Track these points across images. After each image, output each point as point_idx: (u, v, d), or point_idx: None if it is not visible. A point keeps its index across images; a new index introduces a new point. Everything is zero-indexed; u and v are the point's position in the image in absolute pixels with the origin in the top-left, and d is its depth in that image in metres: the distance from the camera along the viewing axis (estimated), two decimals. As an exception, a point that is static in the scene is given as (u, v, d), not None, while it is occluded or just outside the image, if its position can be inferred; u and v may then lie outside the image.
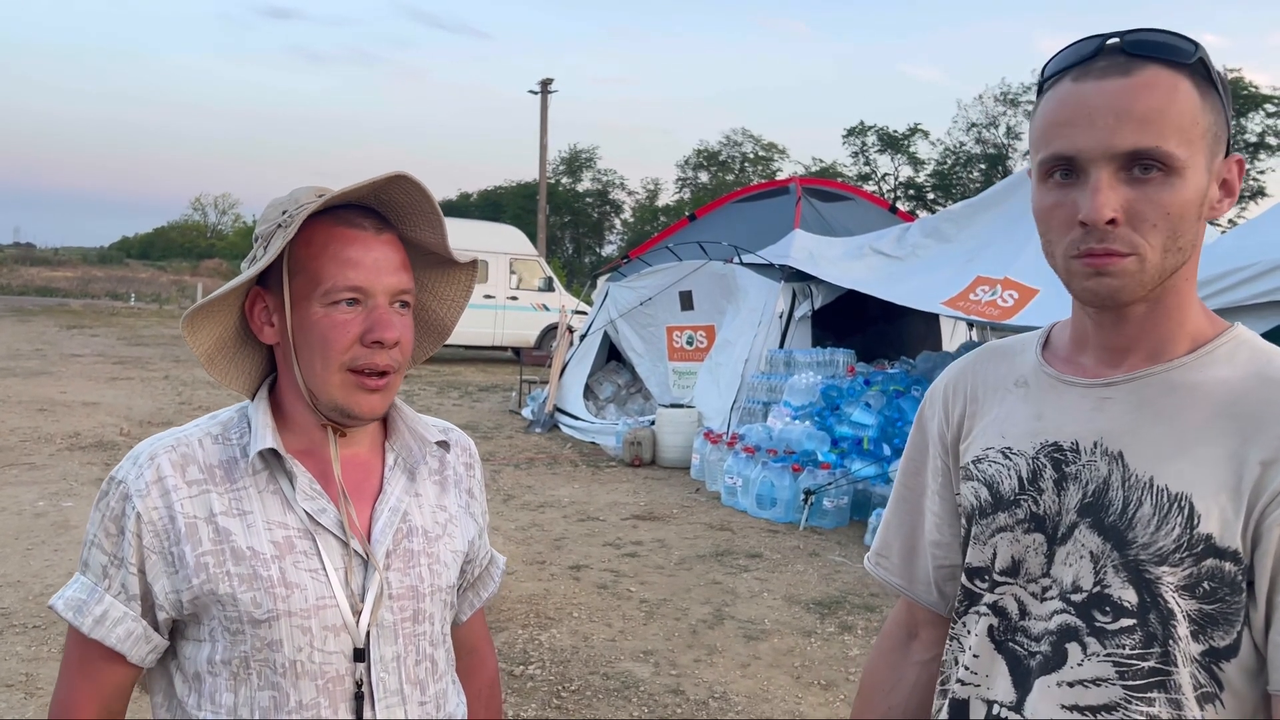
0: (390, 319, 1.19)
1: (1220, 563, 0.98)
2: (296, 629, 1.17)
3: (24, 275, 44.24)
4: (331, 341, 1.18)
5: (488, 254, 18.66)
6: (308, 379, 1.21)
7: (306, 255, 1.19)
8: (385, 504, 1.27)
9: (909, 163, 45.87)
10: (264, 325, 1.24)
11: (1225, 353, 1.04)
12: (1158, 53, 1.00)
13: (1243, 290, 5.10)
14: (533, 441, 10.57)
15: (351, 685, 1.19)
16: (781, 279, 9.72)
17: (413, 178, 1.19)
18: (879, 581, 1.37)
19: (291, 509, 1.21)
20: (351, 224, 1.20)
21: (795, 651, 4.77)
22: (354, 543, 1.22)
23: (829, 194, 12.48)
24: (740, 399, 9.37)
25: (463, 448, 1.43)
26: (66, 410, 10.73)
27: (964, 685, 1.15)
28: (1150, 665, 1.00)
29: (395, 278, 1.20)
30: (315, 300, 1.18)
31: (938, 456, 1.26)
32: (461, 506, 1.38)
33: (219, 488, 1.20)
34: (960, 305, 7.90)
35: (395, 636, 1.23)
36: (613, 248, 51.23)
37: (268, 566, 1.17)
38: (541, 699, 4.11)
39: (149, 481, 1.18)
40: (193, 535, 1.17)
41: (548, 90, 31.56)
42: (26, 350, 16.77)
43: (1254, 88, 36.04)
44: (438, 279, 1.36)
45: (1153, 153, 0.98)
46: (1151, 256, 1.00)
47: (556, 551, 6.32)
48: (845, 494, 7.37)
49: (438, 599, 1.29)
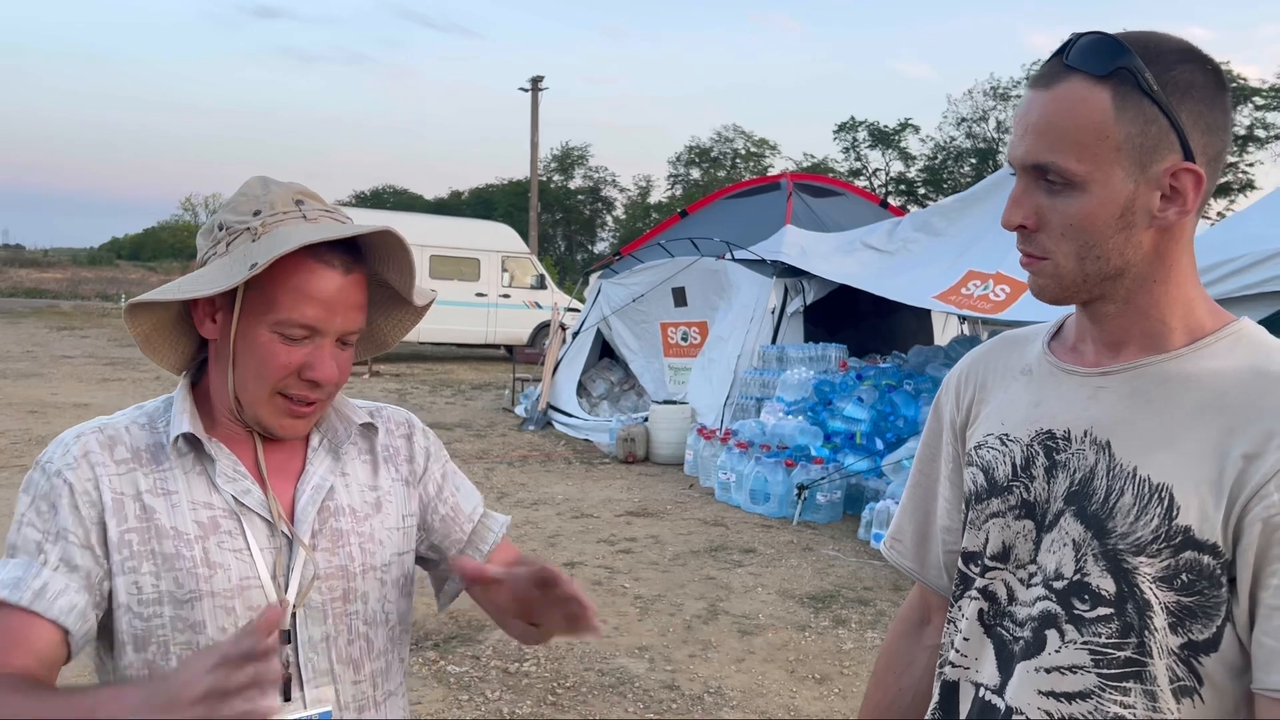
0: (330, 361, 1.20)
1: (1199, 555, 0.97)
2: (220, 609, 1.17)
3: (13, 277, 44.06)
4: (269, 369, 1.18)
5: (480, 252, 18.64)
6: (238, 389, 1.21)
7: (268, 277, 1.16)
8: (308, 483, 1.26)
9: (900, 158, 45.91)
10: (206, 319, 1.22)
11: (1224, 346, 1.04)
12: (1081, 64, 1.01)
13: (1232, 282, 5.13)
14: (526, 439, 10.56)
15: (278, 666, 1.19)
16: (773, 274, 9.74)
17: (398, 234, 1.20)
18: (893, 565, 1.39)
19: (217, 490, 1.21)
20: (322, 259, 1.17)
21: (790, 646, 4.79)
22: (280, 524, 1.21)
23: (820, 189, 12.51)
24: (733, 395, 9.39)
25: (397, 421, 1.41)
26: (58, 412, 10.69)
27: (954, 668, 1.17)
28: (1126, 655, 1.00)
29: (348, 319, 1.20)
30: (265, 323, 1.17)
31: (950, 443, 1.28)
32: (399, 480, 1.36)
33: (145, 468, 1.20)
34: (952, 299, 7.92)
35: (324, 617, 1.23)
36: (605, 245, 51.19)
37: (190, 546, 1.17)
38: (537, 695, 4.12)
39: (77, 455, 1.18)
40: (119, 511, 1.17)
41: (538, 88, 31.50)
42: (16, 352, 16.70)
43: (1243, 80, 36.11)
44: (394, 303, 1.36)
45: (1047, 167, 1.02)
46: (1065, 263, 1.05)
47: (551, 549, 6.33)
48: (838, 488, 7.38)
49: (372, 577, 1.28)
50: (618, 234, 50.45)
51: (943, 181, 43.54)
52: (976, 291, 7.73)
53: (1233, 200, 36.95)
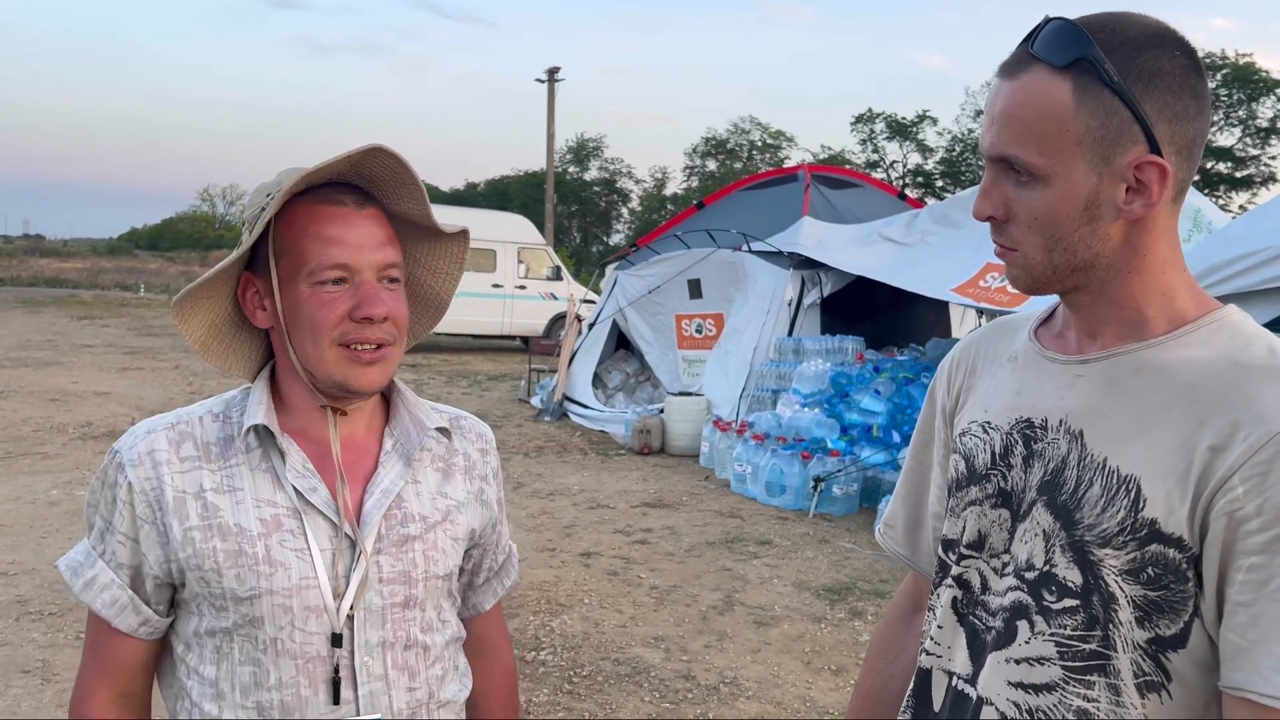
0: (377, 294, 1.18)
1: (1165, 549, 0.95)
2: (278, 607, 1.17)
3: (34, 266, 44.39)
4: (320, 320, 1.17)
5: (496, 243, 18.66)
6: (303, 358, 1.20)
7: (290, 236, 1.18)
8: (377, 486, 1.25)
9: (917, 150, 45.69)
10: (256, 310, 1.23)
11: (1204, 334, 1.01)
12: (1043, 53, 1.00)
13: (1254, 275, 5.07)
14: (542, 430, 10.59)
15: (331, 667, 1.19)
16: (790, 266, 9.71)
17: (389, 150, 1.17)
18: (886, 551, 1.38)
19: (281, 487, 1.20)
20: (332, 201, 1.18)
21: (805, 637, 4.79)
22: (344, 524, 1.21)
23: (838, 181, 12.44)
24: (749, 387, 9.38)
25: (477, 434, 1.41)
26: (78, 400, 10.79)
27: (928, 655, 1.17)
28: (1091, 648, 0.99)
29: (380, 253, 1.19)
30: (301, 281, 1.18)
31: (941, 429, 1.27)
32: (472, 493, 1.35)
33: (211, 464, 1.21)
34: (970, 292, 7.88)
35: (383, 621, 1.22)
36: (620, 236, 51.20)
37: (253, 544, 1.17)
38: (553, 684, 4.14)
39: (142, 453, 1.20)
40: (180, 509, 1.18)
41: (555, 79, 31.49)
42: (38, 341, 16.84)
43: (1265, 73, 35.74)
44: (428, 251, 1.34)
45: (1010, 159, 1.01)
46: (1032, 254, 1.04)
47: (567, 539, 6.35)
48: (855, 481, 7.37)
49: (434, 585, 1.27)
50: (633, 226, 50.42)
51: (961, 174, 43.31)
52: (994, 284, 7.69)
53: (1255, 193, 36.61)
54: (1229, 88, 36.15)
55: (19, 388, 11.50)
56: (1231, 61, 35.87)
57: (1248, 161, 37.21)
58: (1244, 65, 35.78)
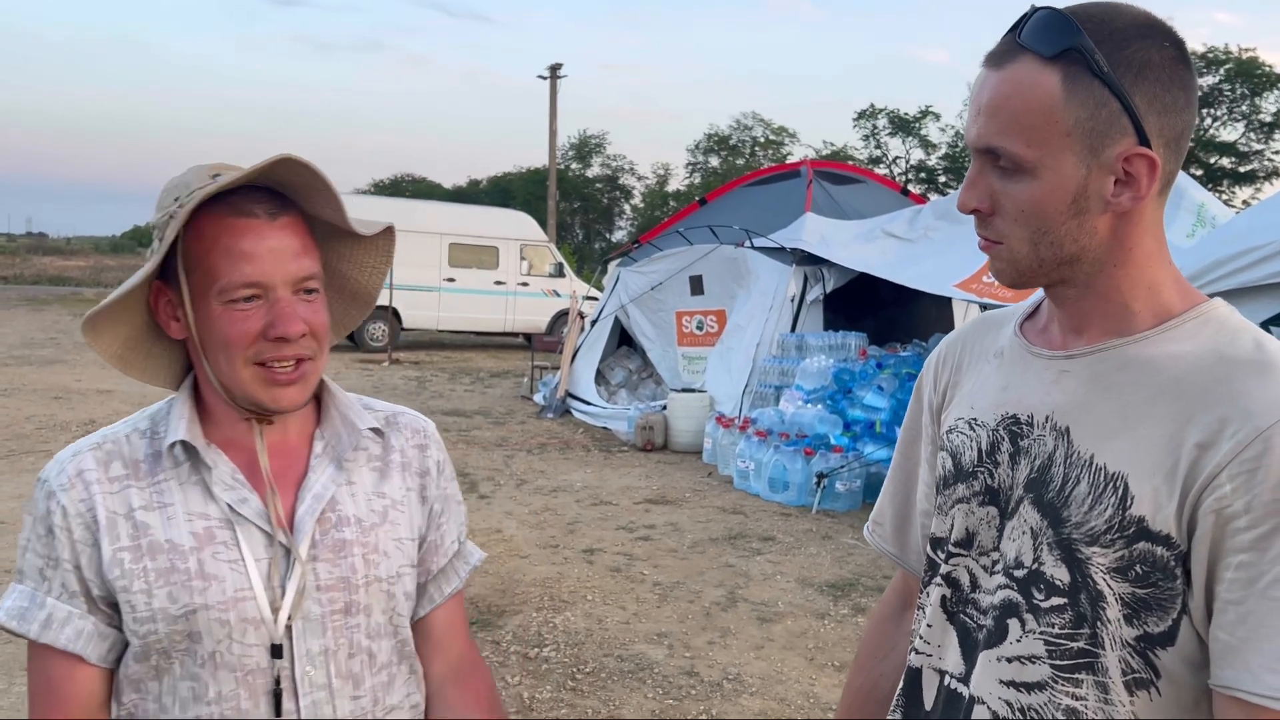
0: (292, 312, 1.14)
1: (1153, 547, 0.94)
2: (214, 621, 1.14)
3: (37, 265, 44.46)
4: (232, 339, 1.13)
5: (498, 240, 18.66)
6: (218, 375, 1.17)
7: (200, 250, 1.13)
8: (308, 491, 1.22)
9: (920, 145, 45.60)
10: (170, 320, 1.19)
11: (1190, 329, 1.00)
12: (1031, 43, 0.98)
13: (1257, 270, 5.06)
14: (545, 427, 10.59)
15: (271, 679, 1.17)
16: (793, 262, 9.70)
17: (299, 158, 1.12)
18: (875, 549, 1.37)
19: (213, 500, 1.17)
20: (243, 212, 1.13)
21: (809, 633, 4.79)
22: (278, 533, 1.18)
23: (840, 177, 12.43)
24: (752, 383, 9.37)
25: (414, 430, 1.36)
26: (81, 398, 10.81)
27: (918, 654, 1.16)
28: (1079, 646, 0.98)
29: (295, 265, 1.14)
30: (213, 298, 1.13)
31: (928, 425, 1.26)
32: (412, 490, 1.32)
33: (140, 482, 1.18)
34: (973, 288, 7.87)
35: (323, 629, 1.19)
36: (623, 233, 51.15)
37: (185, 559, 1.15)
38: (556, 681, 4.14)
39: (71, 476, 1.17)
40: (111, 530, 1.15)
41: (557, 76, 31.47)
42: (41, 339, 16.87)
43: (1268, 67, 35.63)
44: (356, 247, 1.30)
45: (997, 151, 1.00)
46: (1018, 247, 1.02)
47: (570, 535, 6.35)
48: (858, 477, 7.37)
49: (376, 589, 1.24)
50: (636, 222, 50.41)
51: (963, 169, 43.16)
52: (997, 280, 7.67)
53: (1259, 188, 36.52)
54: (1232, 83, 36.06)
55: (22, 385, 11.52)
56: (1235, 56, 35.77)
57: (1251, 156, 37.12)
58: (1247, 60, 35.67)
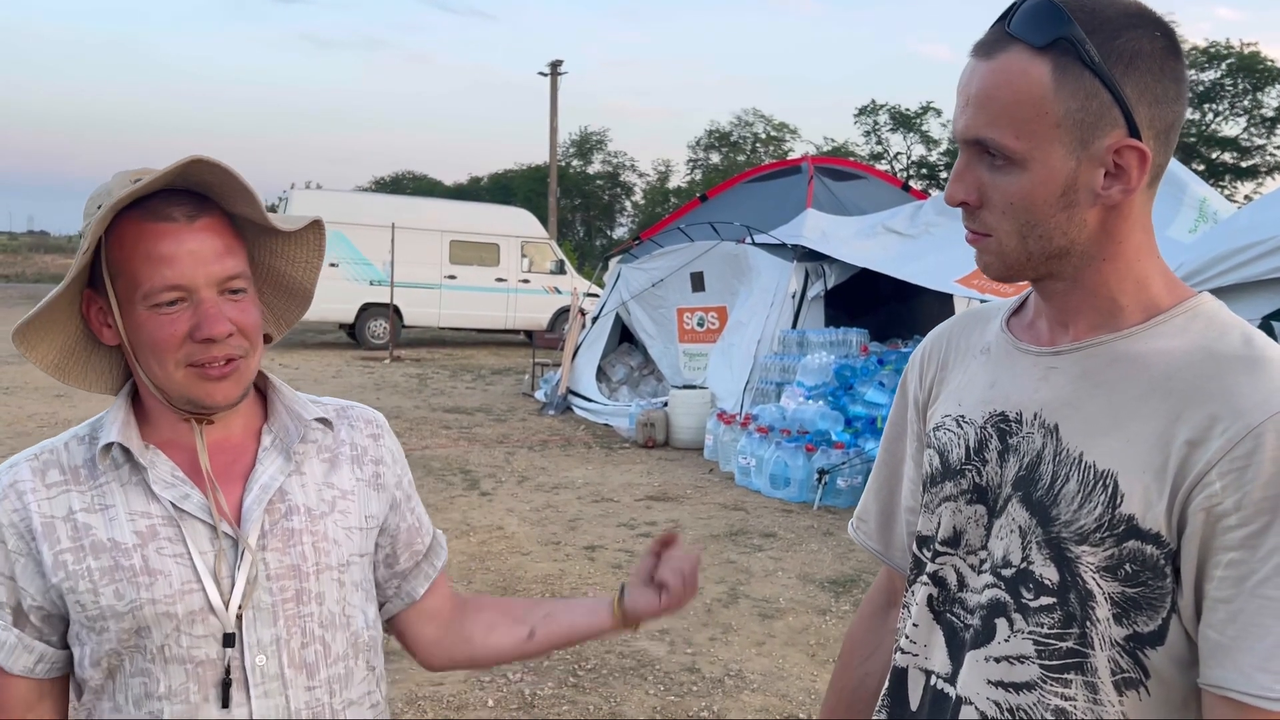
0: (217, 313, 1.14)
1: (1142, 545, 0.93)
2: (161, 615, 1.15)
3: (38, 263, 44.47)
4: (161, 343, 1.14)
5: (499, 238, 18.66)
6: (151, 378, 1.18)
7: (121, 256, 1.14)
8: (255, 482, 1.23)
9: (921, 141, 45.55)
10: (102, 327, 1.20)
11: (1178, 324, 0.99)
12: (1021, 33, 0.96)
13: (1259, 265, 5.05)
14: (546, 424, 10.59)
15: (221, 670, 1.17)
16: (794, 259, 9.70)
17: (210, 159, 1.12)
18: (859, 546, 1.36)
19: (155, 499, 1.18)
20: (161, 216, 1.13)
21: (810, 630, 4.79)
22: (222, 525, 1.18)
23: (841, 173, 12.43)
24: (753, 379, 9.37)
25: (366, 420, 1.38)
26: (83, 396, 10.81)
27: (903, 654, 1.15)
28: (1068, 646, 0.97)
29: (217, 266, 1.15)
30: (139, 303, 1.14)
31: (914, 421, 1.25)
32: (364, 480, 1.33)
33: (80, 486, 1.18)
34: (974, 283, 7.86)
35: (275, 618, 1.19)
36: (624, 230, 51.09)
37: (129, 556, 1.15)
38: (558, 678, 4.14)
39: (5, 487, 1.18)
40: (50, 535, 1.16)
41: (557, 72, 31.45)
42: (43, 337, 16.87)
43: (1270, 62, 35.55)
44: (286, 243, 1.30)
45: (986, 142, 0.98)
46: (1007, 241, 1.01)
47: (571, 532, 6.35)
48: (859, 473, 7.36)
49: (327, 577, 1.24)
50: (637, 219, 50.37)
51: (964, 165, 43.13)
52: (999, 275, 7.67)
53: (1260, 183, 36.47)
54: (1234, 77, 35.98)
55: (24, 384, 11.54)
56: (1236, 51, 35.69)
57: (1253, 151, 37.05)
58: (1249, 55, 35.58)
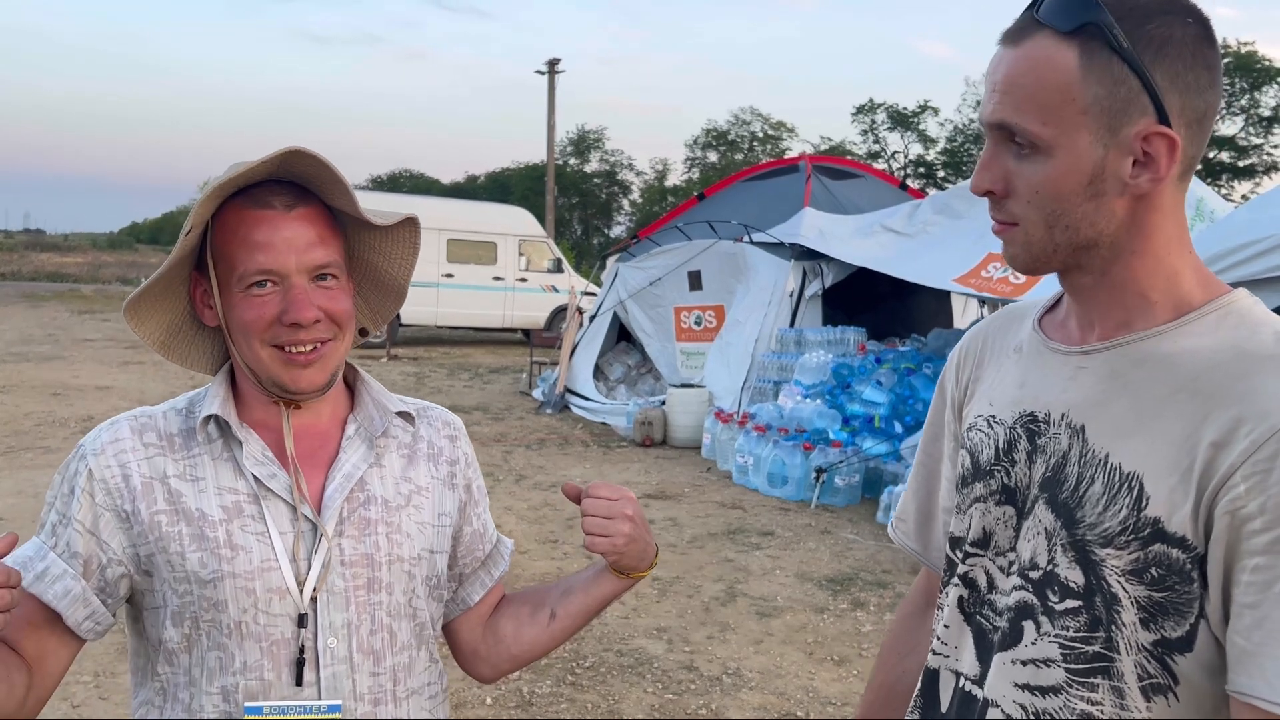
0: (305, 298, 1.19)
1: (1168, 549, 0.91)
2: (241, 590, 1.18)
3: (34, 261, 44.39)
4: (250, 324, 1.20)
5: (496, 236, 18.64)
6: (243, 358, 1.24)
7: (222, 240, 1.21)
8: (339, 470, 1.27)
9: (919, 140, 45.58)
10: (204, 308, 1.27)
11: (1210, 322, 0.97)
12: (1049, 19, 0.95)
13: (1255, 264, 5.06)
14: (544, 422, 10.59)
15: (295, 649, 1.20)
16: (792, 257, 9.70)
17: (308, 150, 1.17)
18: (898, 545, 1.36)
19: (242, 475, 1.23)
20: (261, 204, 1.20)
21: (808, 628, 4.79)
22: (302, 508, 1.22)
23: (839, 171, 12.43)
24: (751, 378, 9.38)
25: (445, 422, 1.42)
26: (80, 394, 10.80)
27: (935, 655, 1.14)
28: (1094, 650, 0.96)
29: (310, 254, 1.20)
30: (235, 286, 1.20)
31: (951, 421, 1.24)
32: (439, 478, 1.36)
33: (174, 454, 1.24)
34: (972, 282, 7.87)
35: (347, 603, 1.23)
36: (621, 228, 51.06)
37: (215, 529, 1.20)
38: (556, 676, 4.14)
39: (105, 442, 1.23)
40: (148, 494, 1.21)
41: (555, 70, 31.41)
42: (39, 335, 16.85)
43: (1268, 61, 35.60)
44: (382, 239, 1.34)
45: (1012, 129, 0.97)
46: (1033, 231, 0.99)
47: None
48: (857, 472, 7.37)
49: (398, 569, 1.28)
50: (634, 217, 50.35)
51: (962, 164, 43.23)
52: (996, 274, 7.68)
53: (1258, 182, 36.53)
54: (1231, 76, 35.99)
55: (21, 382, 11.50)
56: (1234, 50, 35.73)
57: (1250, 150, 37.12)
58: (1246, 54, 35.63)
